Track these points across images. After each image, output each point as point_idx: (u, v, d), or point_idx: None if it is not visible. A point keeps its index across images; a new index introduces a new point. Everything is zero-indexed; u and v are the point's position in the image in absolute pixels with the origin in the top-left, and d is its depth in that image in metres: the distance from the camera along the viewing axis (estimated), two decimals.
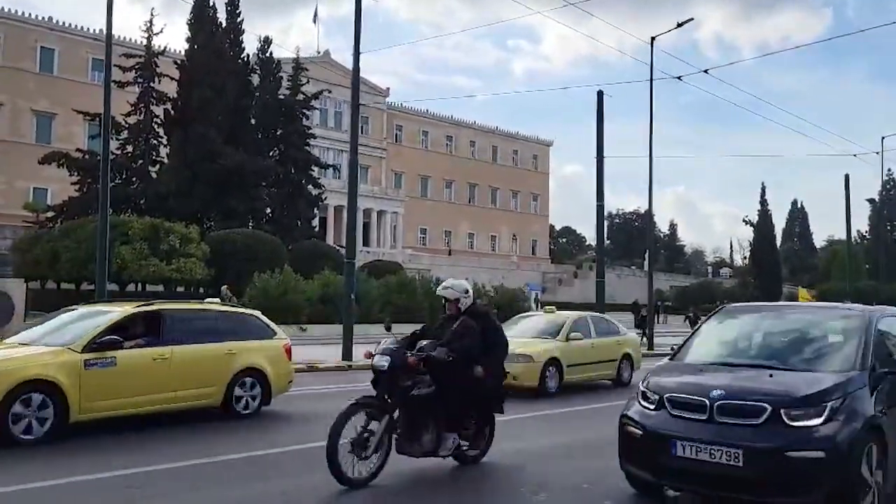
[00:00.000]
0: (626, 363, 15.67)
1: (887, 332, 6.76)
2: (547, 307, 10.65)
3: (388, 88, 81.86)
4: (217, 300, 10.68)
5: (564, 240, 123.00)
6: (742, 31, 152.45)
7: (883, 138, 47.89)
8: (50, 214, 43.35)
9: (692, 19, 29.60)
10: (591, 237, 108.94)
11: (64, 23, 61.87)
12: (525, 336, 14.16)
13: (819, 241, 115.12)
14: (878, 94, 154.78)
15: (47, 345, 8.87)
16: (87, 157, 42.37)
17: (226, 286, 16.60)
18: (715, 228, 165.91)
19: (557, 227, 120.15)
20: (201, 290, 36.82)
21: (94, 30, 59.92)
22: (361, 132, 63.70)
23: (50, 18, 61.22)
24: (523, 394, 12.69)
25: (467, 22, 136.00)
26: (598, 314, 17.41)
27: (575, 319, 15.05)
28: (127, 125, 43.24)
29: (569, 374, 13.98)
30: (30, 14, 60.49)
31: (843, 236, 47.53)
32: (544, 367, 13.46)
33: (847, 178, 41.23)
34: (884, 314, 6.93)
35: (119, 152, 42.74)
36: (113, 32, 16.95)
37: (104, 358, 8.73)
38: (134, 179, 44.05)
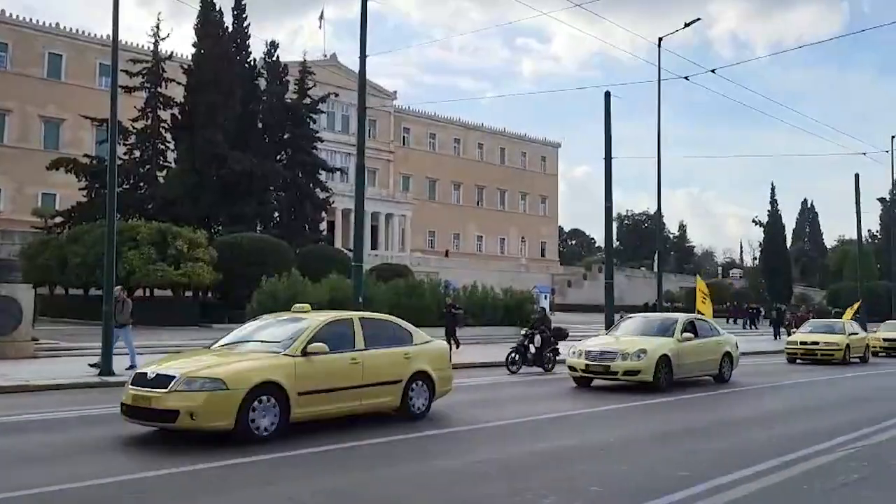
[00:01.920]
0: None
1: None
2: (296, 305, 11.19)
3: (395, 91, 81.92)
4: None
5: (574, 242, 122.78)
6: (757, 28, 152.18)
7: (893, 137, 47.15)
8: (58, 220, 43.41)
9: (699, 19, 29.50)
10: (600, 239, 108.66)
11: (71, 29, 62.12)
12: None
13: (830, 241, 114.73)
14: (888, 92, 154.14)
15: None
16: (94, 162, 42.41)
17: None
18: (729, 229, 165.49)
19: (567, 229, 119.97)
20: (209, 294, 36.77)
21: (102, 35, 60.08)
22: (369, 135, 63.51)
23: (57, 25, 61.46)
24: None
25: (475, 24, 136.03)
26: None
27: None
28: (134, 130, 43.26)
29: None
30: (37, 20, 60.71)
31: (854, 236, 47.23)
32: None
33: (857, 177, 41.14)
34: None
35: (126, 157, 42.76)
36: (120, 38, 16.87)
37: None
38: (141, 184, 44.06)
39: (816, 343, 24.59)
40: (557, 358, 18.96)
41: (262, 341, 9.97)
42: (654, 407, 13.03)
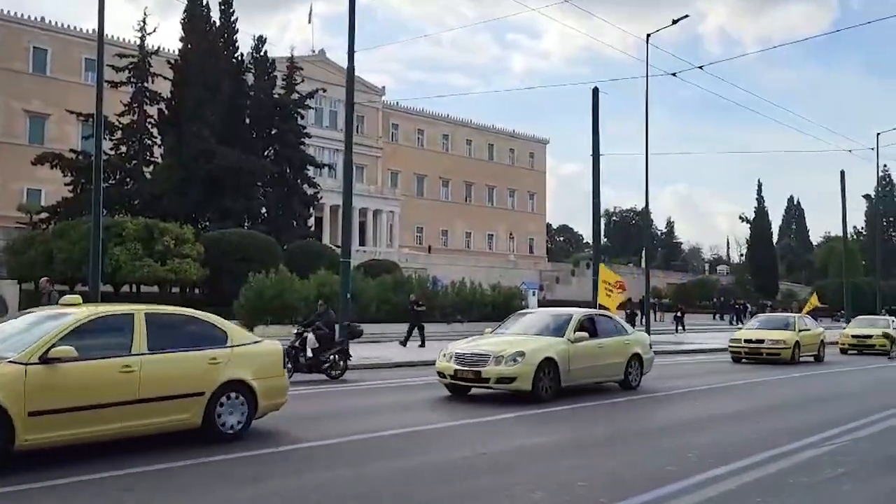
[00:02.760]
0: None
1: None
2: (64, 298, 8.61)
3: (383, 87, 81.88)
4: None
5: (562, 238, 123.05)
6: (747, 24, 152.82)
7: (878, 134, 47.80)
8: (44, 215, 43.12)
9: (687, 16, 29.62)
10: (588, 235, 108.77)
11: (56, 23, 61.63)
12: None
13: (816, 237, 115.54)
14: (873, 90, 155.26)
15: None
16: (80, 157, 42.16)
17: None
18: (717, 226, 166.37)
19: (556, 226, 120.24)
20: (196, 290, 36.64)
21: (87, 30, 59.73)
22: (357, 131, 63.52)
23: (42, 19, 60.98)
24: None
25: (465, 19, 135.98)
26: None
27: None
28: (120, 125, 43.04)
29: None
30: (22, 14, 60.24)
31: (840, 233, 47.57)
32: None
33: (843, 174, 41.31)
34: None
35: (113, 153, 42.53)
36: (106, 32, 16.77)
37: None
38: (128, 180, 43.85)
39: (762, 341, 22.30)
40: (351, 362, 16.04)
41: None
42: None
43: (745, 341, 22.64)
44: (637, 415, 12.07)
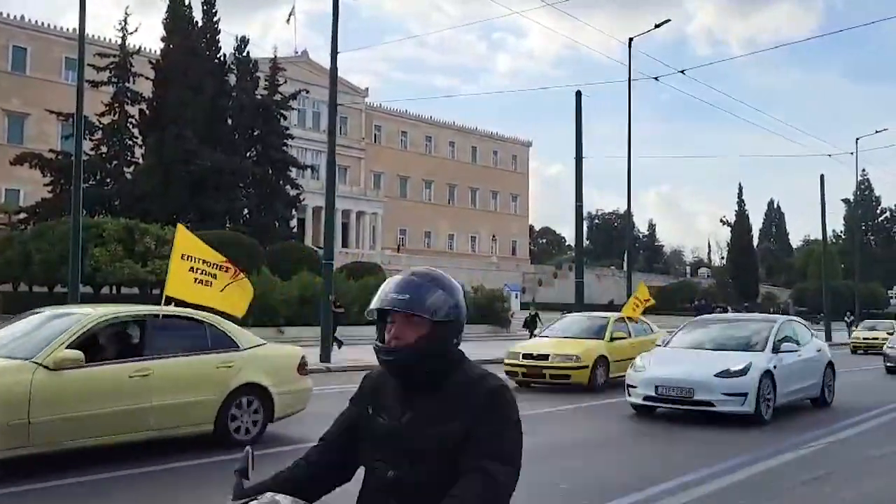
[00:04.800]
0: None
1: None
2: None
3: (366, 88, 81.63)
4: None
5: (544, 240, 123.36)
6: (733, 25, 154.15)
7: (857, 139, 48.22)
8: (22, 216, 42.61)
9: (669, 21, 29.71)
10: (571, 237, 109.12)
11: (36, 21, 60.95)
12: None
13: (796, 240, 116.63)
14: (853, 94, 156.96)
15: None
16: (60, 157, 41.70)
17: None
18: (700, 227, 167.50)
19: (539, 228, 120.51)
20: None
21: (68, 28, 59.09)
22: (340, 132, 63.43)
23: (22, 17, 60.29)
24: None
25: (450, 18, 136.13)
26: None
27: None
28: (101, 125, 42.65)
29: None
30: (0, 12, 59.55)
31: (819, 236, 48.00)
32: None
33: (822, 178, 41.68)
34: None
35: (93, 153, 42.14)
36: (86, 31, 16.61)
37: None
38: (108, 180, 43.45)
39: (545, 356, 15.22)
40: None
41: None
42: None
43: (524, 357, 15.60)
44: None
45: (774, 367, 11.27)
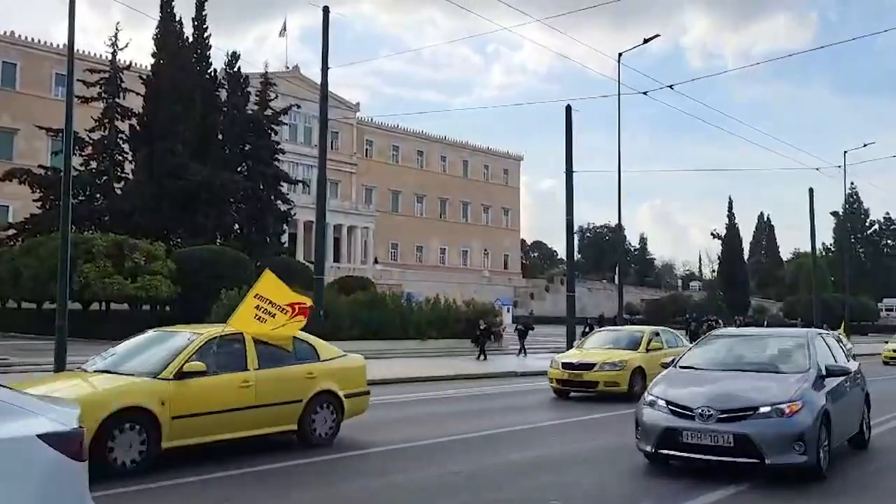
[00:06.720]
0: None
1: None
2: None
3: (358, 103, 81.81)
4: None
5: (536, 254, 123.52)
6: (727, 39, 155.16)
7: (845, 152, 48.53)
8: (11, 232, 42.39)
9: (658, 36, 29.81)
10: (562, 251, 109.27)
11: (26, 37, 60.97)
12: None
13: (786, 253, 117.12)
14: (841, 108, 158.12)
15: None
16: (49, 173, 41.55)
17: None
18: (692, 240, 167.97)
19: (531, 241, 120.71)
20: (167, 307, 36.17)
21: (57, 44, 59.04)
22: (331, 147, 63.38)
23: (12, 33, 60.28)
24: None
25: (442, 31, 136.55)
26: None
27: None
28: (91, 141, 42.51)
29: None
30: None
31: (809, 249, 48.17)
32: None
33: (811, 191, 41.76)
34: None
35: (83, 168, 42.02)
36: (76, 47, 16.58)
37: None
38: (98, 196, 43.27)
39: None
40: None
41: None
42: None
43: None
44: None
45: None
